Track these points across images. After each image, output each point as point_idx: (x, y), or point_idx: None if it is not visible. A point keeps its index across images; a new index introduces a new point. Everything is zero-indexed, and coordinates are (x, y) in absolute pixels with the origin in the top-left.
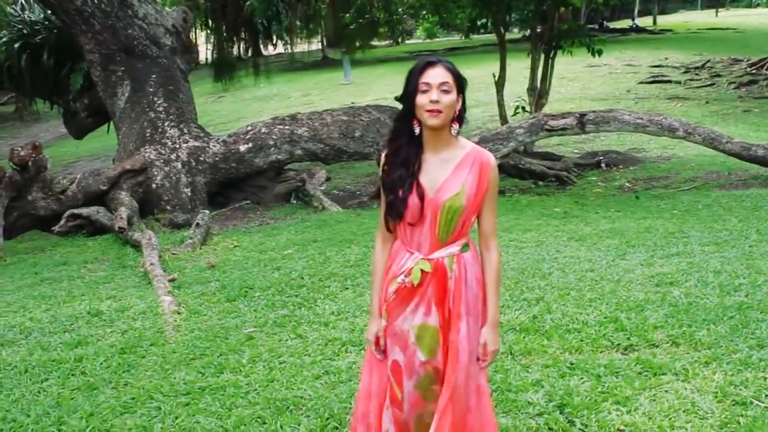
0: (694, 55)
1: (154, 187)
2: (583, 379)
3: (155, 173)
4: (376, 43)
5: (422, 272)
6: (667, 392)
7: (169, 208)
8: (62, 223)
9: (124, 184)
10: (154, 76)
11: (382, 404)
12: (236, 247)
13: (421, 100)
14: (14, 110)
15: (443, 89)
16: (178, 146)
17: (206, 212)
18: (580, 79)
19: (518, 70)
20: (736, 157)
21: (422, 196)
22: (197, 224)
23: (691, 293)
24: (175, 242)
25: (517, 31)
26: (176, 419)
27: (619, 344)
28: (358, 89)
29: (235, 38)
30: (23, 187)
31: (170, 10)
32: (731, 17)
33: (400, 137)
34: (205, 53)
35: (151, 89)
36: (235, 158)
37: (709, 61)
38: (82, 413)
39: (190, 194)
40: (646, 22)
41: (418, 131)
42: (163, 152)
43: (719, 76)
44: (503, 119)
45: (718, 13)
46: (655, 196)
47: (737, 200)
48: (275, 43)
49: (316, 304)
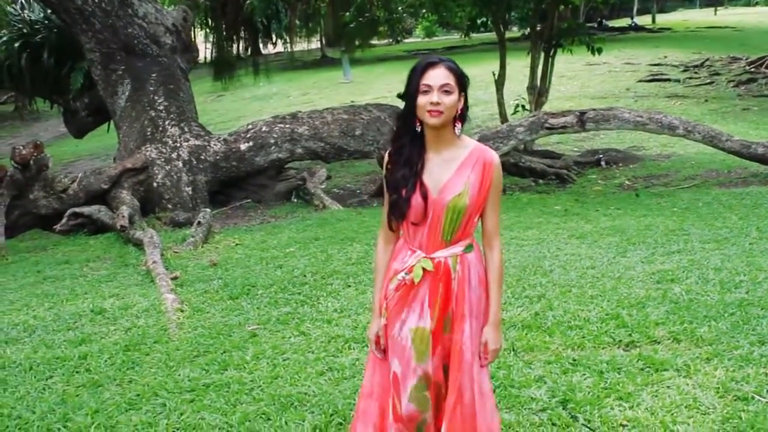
0: (693, 53)
1: (155, 185)
2: (585, 375)
3: (156, 172)
4: (375, 42)
5: (424, 270)
6: (668, 388)
7: (170, 206)
8: (64, 221)
9: (125, 182)
10: (154, 75)
11: (383, 404)
12: (238, 245)
13: (422, 101)
14: (13, 109)
15: (444, 90)
16: (179, 145)
17: (207, 211)
18: (579, 77)
19: (518, 68)
20: (735, 155)
21: (425, 195)
22: (198, 223)
23: (692, 290)
24: (176, 241)
25: (516, 29)
26: (181, 416)
27: (620, 341)
28: (357, 88)
29: (234, 37)
30: (25, 185)
31: (170, 9)
32: (730, 16)
33: (402, 136)
34: (204, 52)
35: (151, 88)
36: (235, 157)
37: (708, 59)
38: (87, 410)
39: (191, 193)
40: (644, 20)
41: (419, 130)
42: (164, 151)
43: (718, 74)
44: (503, 118)
45: (716, 11)
46: (655, 194)
47: (737, 198)
48: (275, 42)
49: (318, 301)
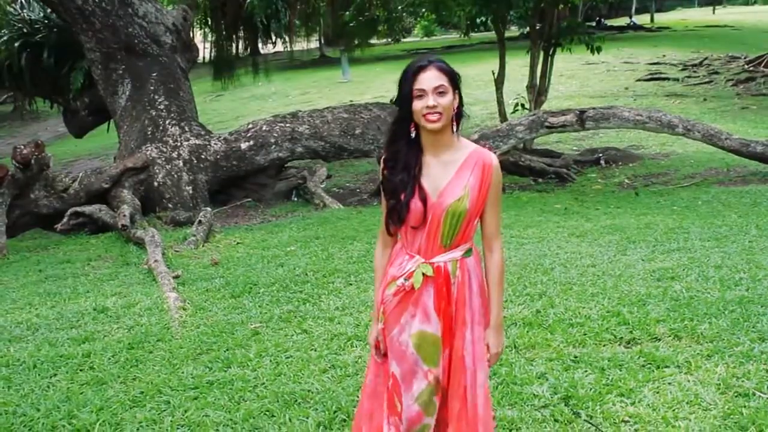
0: (691, 52)
1: (155, 185)
2: (587, 371)
3: (157, 171)
4: (374, 41)
5: (424, 276)
6: (670, 384)
7: (170, 206)
8: (65, 221)
9: (126, 182)
10: (154, 74)
11: (385, 404)
12: (239, 244)
13: (417, 106)
14: (12, 109)
15: (439, 92)
16: (179, 144)
17: (208, 210)
18: (578, 76)
19: (517, 67)
20: (735, 153)
21: (425, 200)
22: (199, 222)
23: (692, 288)
24: (177, 240)
25: (515, 28)
26: (185, 413)
27: (621, 338)
28: (356, 87)
29: (234, 36)
30: (25, 185)
31: (170, 8)
32: (728, 15)
33: (398, 141)
34: (203, 51)
35: (151, 87)
36: (236, 156)
37: (706, 58)
38: (92, 407)
39: (191, 192)
40: (643, 19)
41: (414, 135)
42: (164, 150)
43: (717, 73)
44: (503, 117)
45: (715, 10)
46: (654, 192)
47: (736, 196)
48: (274, 41)
49: (320, 299)
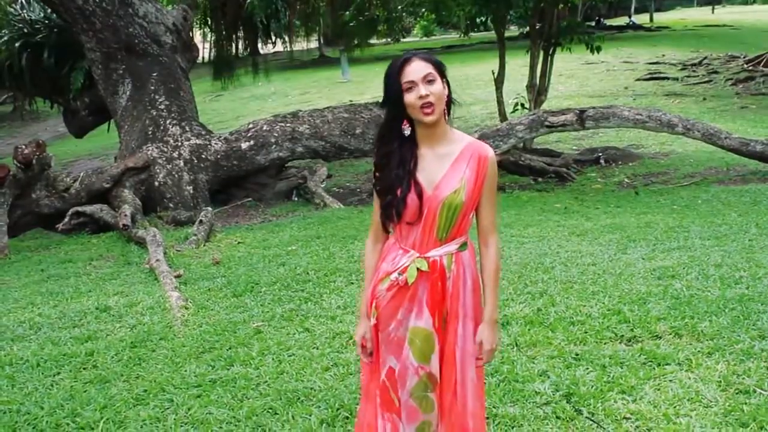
0: (691, 51)
1: (156, 184)
2: (588, 369)
3: (158, 171)
4: (373, 41)
5: (418, 271)
6: (671, 382)
7: (171, 205)
8: (66, 220)
9: (126, 181)
10: (155, 74)
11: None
12: (240, 243)
13: (409, 98)
14: (12, 109)
15: (428, 80)
16: (180, 144)
17: (209, 209)
18: (577, 76)
19: (517, 67)
20: (734, 152)
21: (420, 193)
22: (200, 221)
23: (692, 286)
24: (178, 239)
25: (515, 28)
26: (189, 410)
27: (622, 336)
28: (356, 87)
29: (233, 36)
30: (27, 185)
31: (170, 8)
32: (727, 14)
33: (389, 143)
34: (203, 51)
35: (152, 87)
36: (236, 156)
37: (706, 57)
38: (95, 405)
39: (192, 192)
40: (643, 19)
41: (408, 132)
42: (165, 150)
43: (716, 72)
44: (502, 116)
45: (714, 10)
46: (654, 191)
47: (736, 195)
48: (274, 41)
49: (322, 298)
